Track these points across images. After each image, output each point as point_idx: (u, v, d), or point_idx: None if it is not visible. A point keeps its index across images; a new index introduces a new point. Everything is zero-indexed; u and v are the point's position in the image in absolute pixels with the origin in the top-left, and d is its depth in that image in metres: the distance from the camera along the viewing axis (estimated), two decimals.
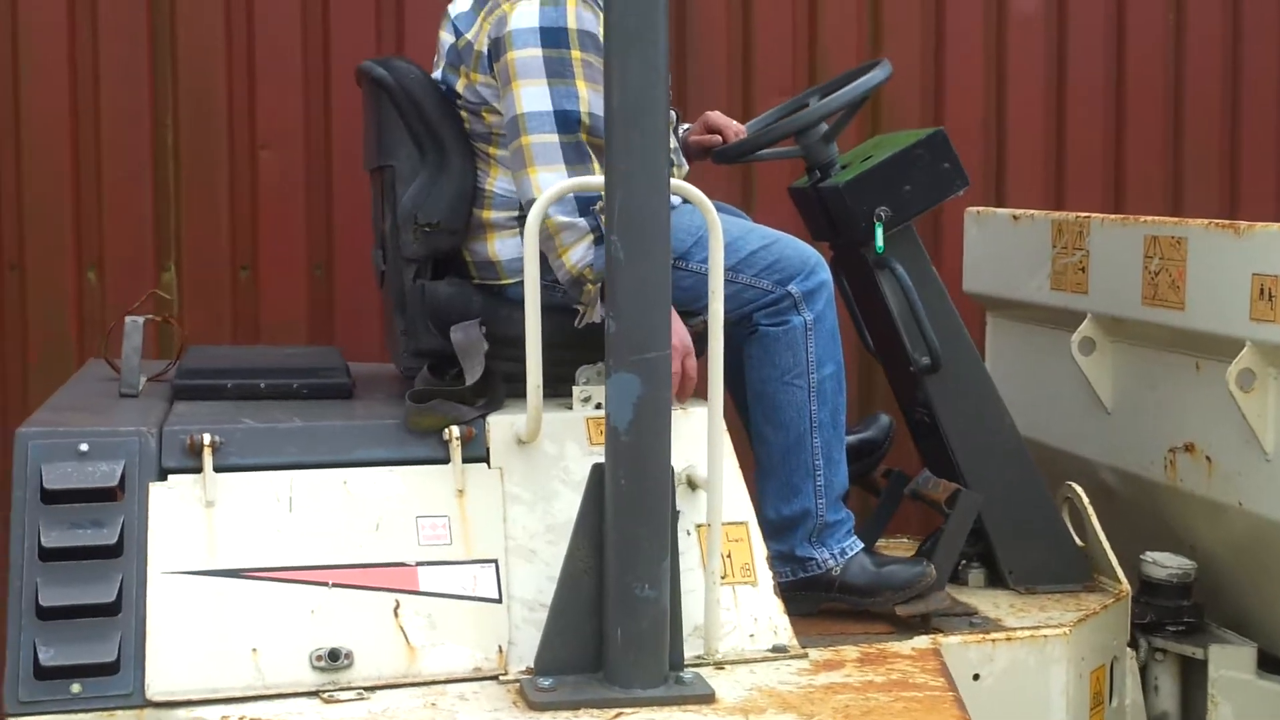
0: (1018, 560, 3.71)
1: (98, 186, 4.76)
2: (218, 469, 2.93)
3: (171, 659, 2.79)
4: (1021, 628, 3.40)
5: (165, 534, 2.87)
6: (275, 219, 4.79)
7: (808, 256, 3.40)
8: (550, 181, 3.07)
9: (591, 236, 3.12)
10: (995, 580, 3.75)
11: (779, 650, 3.13)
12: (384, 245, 3.42)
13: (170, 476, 2.91)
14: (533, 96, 3.15)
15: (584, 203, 3.11)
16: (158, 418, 3.04)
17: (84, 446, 2.88)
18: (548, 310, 3.07)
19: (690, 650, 3.06)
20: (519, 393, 3.16)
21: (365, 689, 2.87)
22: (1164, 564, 3.84)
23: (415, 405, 3.06)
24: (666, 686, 2.87)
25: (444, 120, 3.34)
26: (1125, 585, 3.71)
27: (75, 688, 2.74)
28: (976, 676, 3.30)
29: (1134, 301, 3.80)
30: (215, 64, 4.75)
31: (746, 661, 3.09)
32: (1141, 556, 3.86)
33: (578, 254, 3.14)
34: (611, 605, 2.85)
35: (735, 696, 2.90)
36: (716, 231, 3.03)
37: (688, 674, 2.91)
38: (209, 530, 2.89)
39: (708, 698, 2.86)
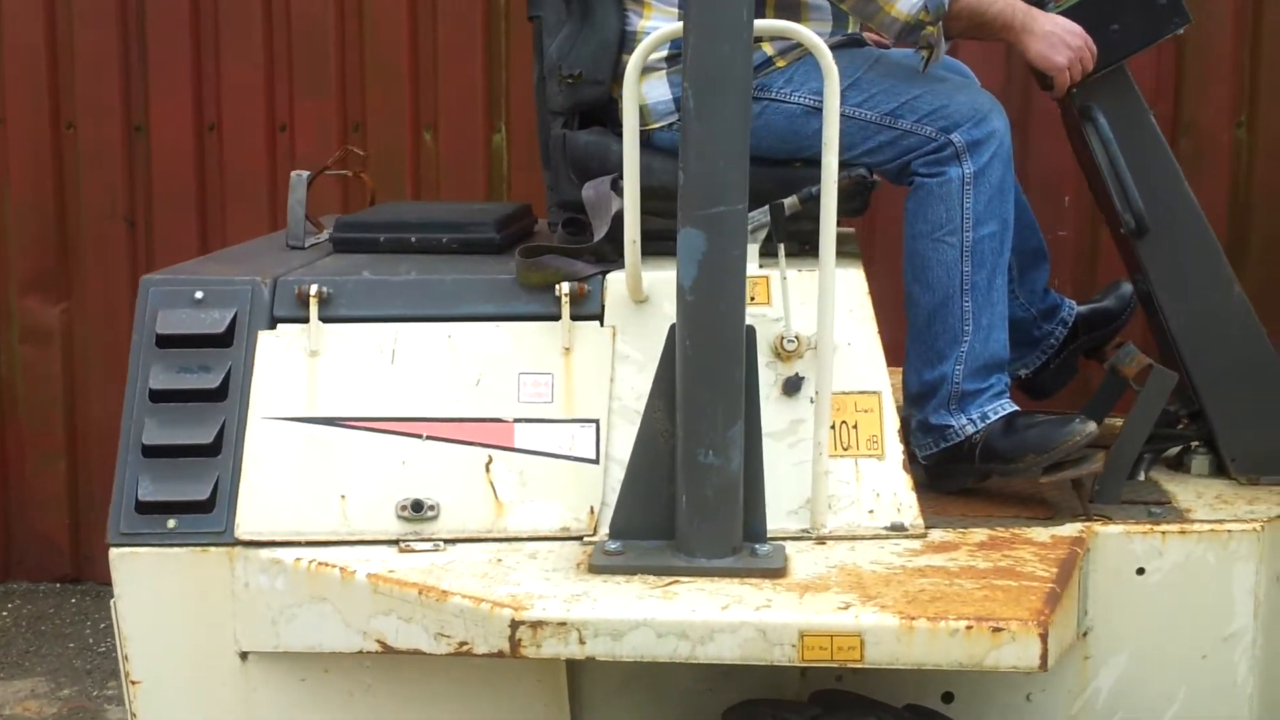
0: (1241, 446, 3.35)
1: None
2: (326, 319, 3.01)
3: (263, 501, 2.90)
4: (1203, 520, 3.07)
5: (269, 380, 2.97)
6: None
7: (980, 104, 3.13)
8: None
9: None
10: (1224, 468, 3.39)
11: (896, 528, 2.96)
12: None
13: (280, 325, 3.01)
14: None
15: None
16: (285, 268, 3.13)
17: (199, 294, 3.01)
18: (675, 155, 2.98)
19: (800, 523, 2.94)
20: (667, 250, 3.09)
21: (445, 541, 2.90)
22: None
23: (525, 260, 3.03)
24: (737, 557, 2.77)
25: None
26: None
27: (171, 523, 2.90)
28: (1141, 571, 3.02)
29: None
30: None
31: (854, 538, 2.94)
32: None
33: (906, 2, 3.06)
34: (679, 471, 2.76)
35: (808, 573, 2.76)
36: (832, 77, 2.84)
37: (766, 547, 2.80)
38: (311, 379, 2.98)
39: (775, 572, 2.74)
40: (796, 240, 3.20)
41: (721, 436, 2.72)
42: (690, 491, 2.74)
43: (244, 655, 2.90)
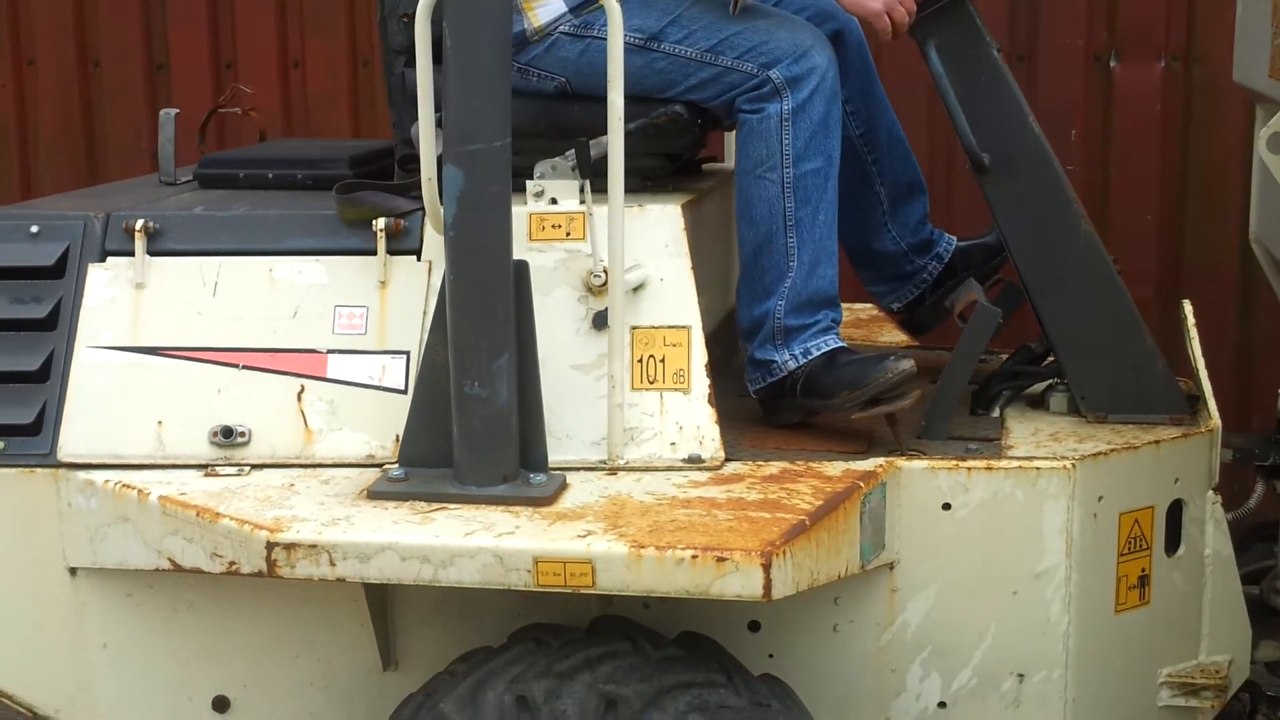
0: (1091, 384, 3.31)
1: None
2: (154, 253, 3.14)
3: (85, 426, 3.05)
4: (1012, 457, 3.05)
5: (96, 311, 3.11)
6: None
7: (801, 40, 3.13)
8: None
9: None
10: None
11: (693, 460, 3.01)
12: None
13: (109, 259, 3.15)
14: None
15: None
16: (136, 203, 3.27)
17: (34, 229, 3.17)
18: (520, 95, 3.05)
19: (600, 454, 3.00)
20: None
21: (253, 466, 3.03)
22: None
23: (341, 196, 3.13)
24: (510, 486, 2.84)
25: None
26: (1215, 419, 3.23)
27: (1, 445, 3.06)
28: (947, 506, 3.02)
29: None
30: None
31: (647, 470, 3.00)
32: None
33: None
34: (452, 402, 2.84)
35: (575, 503, 2.83)
36: (614, 14, 2.87)
37: (541, 477, 2.86)
38: (135, 310, 3.11)
39: (540, 500, 2.81)
40: (639, 176, 3.26)
41: (487, 369, 2.79)
42: (460, 422, 2.83)
43: (73, 571, 3.07)
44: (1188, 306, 3.43)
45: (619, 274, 2.96)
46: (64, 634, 3.10)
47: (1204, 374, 3.27)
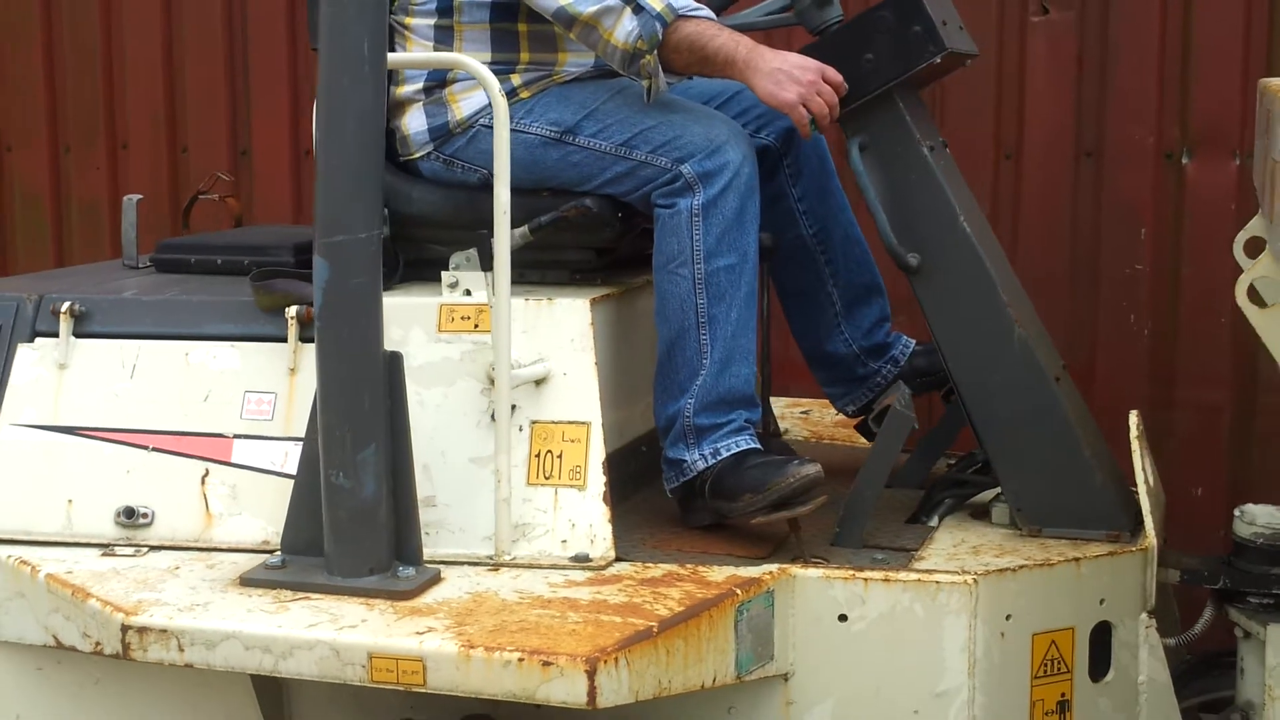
0: (1026, 496, 3.17)
1: None
2: (80, 335, 3.22)
3: (1, 502, 3.13)
4: (914, 569, 2.94)
5: (20, 390, 3.20)
6: None
7: (715, 135, 3.09)
8: None
9: (628, 8, 3.04)
10: None
11: (580, 559, 2.96)
12: None
13: (38, 339, 3.23)
14: None
15: None
16: (68, 286, 3.36)
17: None
18: (445, 186, 3.08)
19: (490, 549, 2.98)
20: (422, 275, 3.21)
21: (151, 548, 3.07)
22: (1256, 520, 3.13)
23: (256, 284, 3.17)
24: (379, 578, 2.83)
25: None
26: (1151, 538, 3.06)
27: None
28: (844, 617, 2.91)
29: None
30: None
31: (530, 566, 2.95)
32: (1237, 510, 3.17)
33: (623, 30, 3.05)
34: (322, 492, 2.85)
35: (437, 598, 2.80)
36: (499, 106, 2.88)
37: (410, 570, 2.84)
38: (57, 390, 3.19)
39: (399, 594, 2.79)
40: (566, 269, 3.26)
41: (351, 460, 2.79)
42: (329, 513, 2.82)
43: None
44: (1134, 417, 3.27)
45: (504, 368, 2.94)
46: None
47: (1144, 490, 3.10)
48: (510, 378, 2.96)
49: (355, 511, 2.80)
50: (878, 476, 3.10)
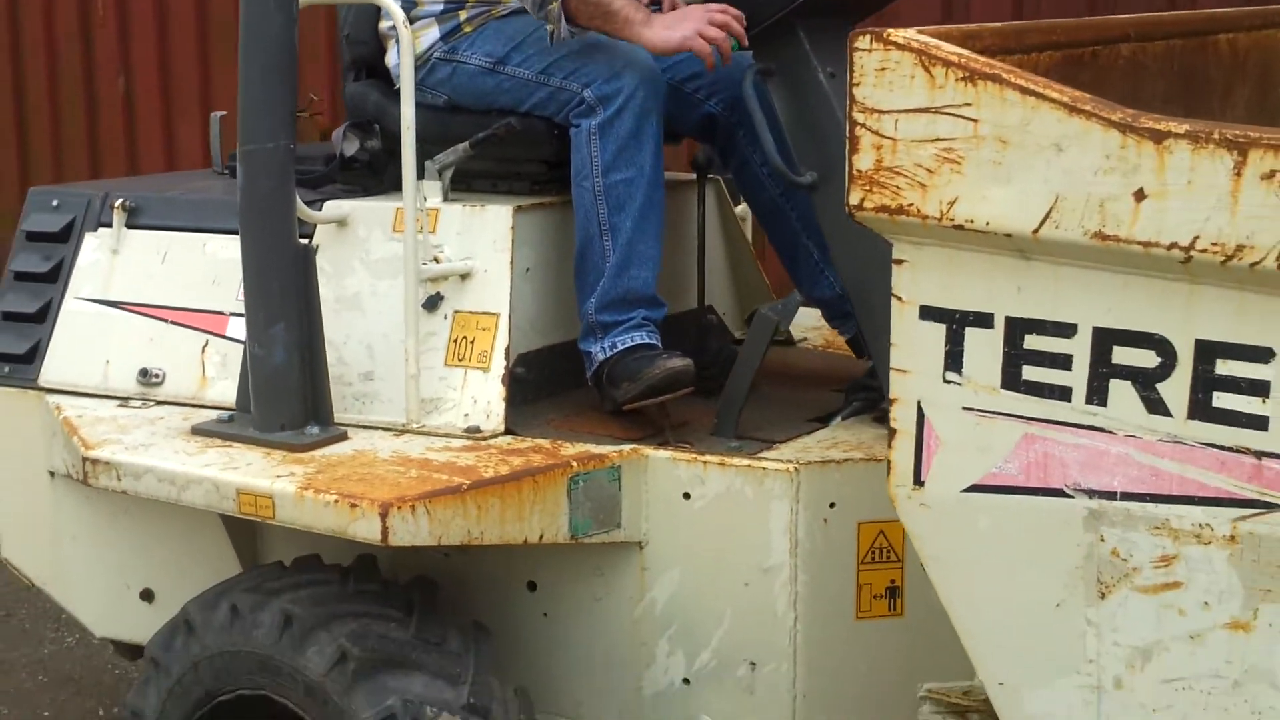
0: None
1: None
2: (130, 226, 3.89)
3: (61, 360, 3.85)
4: (745, 456, 3.26)
5: (84, 269, 3.90)
6: None
7: (615, 62, 3.46)
8: None
9: None
10: None
11: (470, 431, 3.41)
12: None
13: (101, 229, 3.92)
14: None
15: None
16: (142, 186, 4.04)
17: (55, 202, 3.99)
18: (419, 108, 3.60)
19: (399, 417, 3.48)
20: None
21: (159, 403, 3.72)
22: None
23: None
24: (290, 434, 3.36)
25: None
26: None
27: (5, 369, 3.91)
28: (687, 495, 3.27)
29: None
30: None
31: (428, 434, 3.42)
32: None
33: None
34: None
35: (327, 453, 3.31)
36: (405, 40, 3.35)
37: (315, 429, 3.36)
38: (110, 270, 3.88)
39: (294, 447, 3.31)
40: (526, 180, 3.71)
41: (265, 334, 3.33)
42: (252, 377, 3.38)
43: (51, 474, 3.86)
44: None
45: (412, 260, 3.40)
46: (47, 524, 3.90)
47: None
48: (419, 271, 3.42)
49: (268, 377, 3.35)
50: (745, 373, 3.41)
